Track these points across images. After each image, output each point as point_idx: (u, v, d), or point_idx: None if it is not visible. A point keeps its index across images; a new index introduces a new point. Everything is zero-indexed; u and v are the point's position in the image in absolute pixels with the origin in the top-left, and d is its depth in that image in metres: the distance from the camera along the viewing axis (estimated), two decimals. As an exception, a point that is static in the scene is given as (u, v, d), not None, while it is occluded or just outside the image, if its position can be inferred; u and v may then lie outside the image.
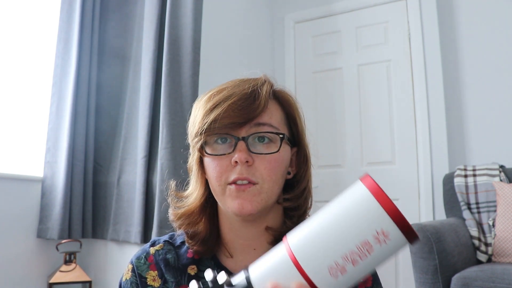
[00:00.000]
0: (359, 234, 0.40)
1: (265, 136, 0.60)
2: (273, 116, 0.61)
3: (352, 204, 0.43)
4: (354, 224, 0.41)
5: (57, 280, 1.68)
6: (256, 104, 0.59)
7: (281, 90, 0.67)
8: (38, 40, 1.92)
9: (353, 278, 0.41)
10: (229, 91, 0.60)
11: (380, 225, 0.40)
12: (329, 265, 0.40)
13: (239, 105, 0.58)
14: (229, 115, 0.58)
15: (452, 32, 2.55)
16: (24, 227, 1.73)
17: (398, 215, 0.40)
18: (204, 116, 0.59)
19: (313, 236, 0.43)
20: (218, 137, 0.60)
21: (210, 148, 0.60)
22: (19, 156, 1.82)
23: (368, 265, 0.41)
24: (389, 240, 0.40)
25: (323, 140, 2.81)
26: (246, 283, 0.43)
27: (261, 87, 0.62)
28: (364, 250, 0.40)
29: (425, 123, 2.51)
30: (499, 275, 1.52)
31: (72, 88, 1.83)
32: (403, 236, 0.40)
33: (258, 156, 0.59)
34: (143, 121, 1.83)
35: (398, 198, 2.56)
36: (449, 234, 1.77)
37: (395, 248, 0.41)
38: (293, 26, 3.05)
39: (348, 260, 0.40)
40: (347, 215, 0.42)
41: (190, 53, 1.80)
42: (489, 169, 2.11)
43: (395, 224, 0.40)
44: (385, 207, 0.40)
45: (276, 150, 0.59)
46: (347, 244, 0.40)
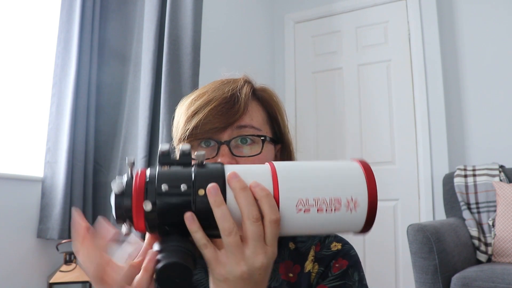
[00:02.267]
0: (337, 189, 0.43)
1: (247, 138, 0.61)
2: (254, 118, 0.62)
3: (344, 167, 0.46)
4: (338, 180, 0.44)
5: (57, 280, 1.68)
6: (236, 108, 0.60)
7: (261, 89, 0.67)
8: (38, 40, 1.92)
9: (308, 224, 0.43)
10: (209, 95, 0.61)
11: (356, 195, 0.44)
12: (300, 197, 0.42)
13: (219, 110, 0.59)
14: (210, 120, 0.59)
15: (452, 32, 2.55)
16: (24, 227, 1.73)
17: (374, 197, 0.44)
18: (186, 122, 0.61)
19: (299, 167, 0.45)
20: (201, 141, 0.61)
21: (194, 151, 0.61)
22: (19, 156, 1.82)
23: (326, 221, 0.43)
24: (354, 212, 0.43)
25: (323, 140, 2.81)
26: (220, 167, 0.44)
27: (240, 90, 0.62)
28: (333, 204, 0.43)
29: (425, 123, 2.51)
30: (499, 275, 1.52)
31: (72, 88, 1.83)
32: (364, 218, 0.44)
33: (241, 159, 0.59)
34: (143, 121, 1.83)
35: (398, 198, 2.56)
36: (449, 234, 1.77)
37: (349, 224, 0.44)
38: (293, 26, 3.05)
39: (316, 204, 0.42)
40: (336, 170, 0.45)
41: (190, 53, 1.80)
42: (489, 169, 2.11)
43: (367, 204, 0.44)
44: (368, 185, 0.44)
45: (259, 152, 0.60)
46: (324, 190, 0.43)
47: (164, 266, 0.40)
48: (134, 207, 0.42)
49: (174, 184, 0.42)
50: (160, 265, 0.40)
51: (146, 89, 1.84)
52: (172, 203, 0.42)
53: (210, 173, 0.43)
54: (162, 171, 0.43)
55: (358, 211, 0.44)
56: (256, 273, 0.42)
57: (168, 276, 0.40)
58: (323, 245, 0.66)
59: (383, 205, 2.60)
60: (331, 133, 2.81)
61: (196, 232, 0.41)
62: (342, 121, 2.79)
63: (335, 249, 0.66)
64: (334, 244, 0.66)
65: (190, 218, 0.41)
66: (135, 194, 0.42)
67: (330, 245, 0.66)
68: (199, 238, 0.41)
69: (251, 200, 0.41)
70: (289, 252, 0.65)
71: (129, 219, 0.43)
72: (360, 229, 0.45)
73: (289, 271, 0.63)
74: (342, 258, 0.65)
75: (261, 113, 0.65)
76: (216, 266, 0.42)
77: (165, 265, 0.40)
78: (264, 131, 0.63)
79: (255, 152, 0.60)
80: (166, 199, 0.42)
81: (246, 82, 0.65)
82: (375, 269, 2.46)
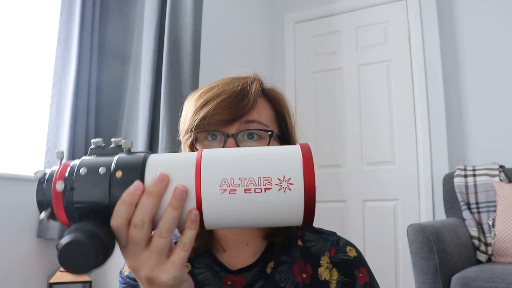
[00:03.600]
0: (267, 168, 0.40)
1: (254, 133, 0.60)
2: (262, 114, 0.62)
3: (279, 149, 0.43)
4: (269, 160, 0.41)
5: (57, 280, 1.68)
6: (245, 101, 0.60)
7: (270, 88, 0.67)
8: (38, 40, 1.92)
9: (237, 209, 0.40)
10: (219, 89, 0.62)
11: (289, 174, 0.40)
12: (224, 177, 0.40)
13: (229, 103, 0.59)
14: (219, 112, 0.59)
15: (452, 32, 2.56)
16: (24, 227, 1.73)
17: (311, 178, 0.40)
18: (195, 113, 0.61)
19: (229, 151, 0.43)
20: (208, 134, 0.60)
21: (201, 145, 0.61)
22: (19, 156, 1.82)
23: (258, 203, 0.40)
24: (289, 192, 0.39)
25: (323, 140, 2.81)
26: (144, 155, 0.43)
27: (250, 85, 0.63)
28: (262, 183, 0.39)
29: (425, 123, 2.51)
30: (499, 275, 1.52)
31: (72, 88, 1.83)
32: (302, 200, 0.39)
33: None
34: (143, 121, 1.83)
35: (398, 198, 2.56)
36: (449, 234, 1.77)
37: (286, 209, 0.40)
38: (293, 26, 3.05)
39: (243, 184, 0.39)
40: (269, 151, 0.42)
41: (190, 53, 1.81)
42: (489, 169, 2.11)
43: (303, 184, 0.39)
44: (304, 165, 0.40)
45: None
46: (251, 170, 0.40)
47: (67, 243, 0.38)
48: (54, 192, 0.42)
49: (93, 168, 0.42)
50: (63, 242, 0.38)
51: (146, 89, 1.84)
52: (88, 184, 0.41)
53: (131, 159, 0.42)
54: (86, 158, 0.44)
55: (293, 191, 0.39)
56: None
57: (72, 255, 0.38)
58: (338, 248, 0.64)
59: (383, 205, 2.60)
60: (331, 133, 2.81)
61: (193, 230, 0.41)
62: (342, 121, 2.79)
63: (352, 254, 0.64)
64: (349, 248, 0.65)
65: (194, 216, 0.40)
66: (55, 179, 0.42)
67: (345, 248, 0.65)
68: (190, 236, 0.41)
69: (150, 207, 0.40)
70: (299, 251, 0.64)
71: (50, 206, 0.43)
72: (301, 217, 0.41)
73: (302, 272, 0.62)
74: (362, 267, 0.64)
75: (269, 111, 0.65)
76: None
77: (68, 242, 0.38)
78: (271, 128, 0.62)
79: None
80: (83, 180, 0.41)
81: (256, 79, 0.66)
82: (375, 269, 2.45)
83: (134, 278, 0.63)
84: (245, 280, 0.61)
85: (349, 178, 2.72)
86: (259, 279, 0.61)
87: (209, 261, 0.64)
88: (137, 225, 0.40)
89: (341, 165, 2.76)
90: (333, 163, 2.78)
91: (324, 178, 2.75)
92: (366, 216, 2.64)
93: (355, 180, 2.70)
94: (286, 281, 0.60)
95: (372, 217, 2.62)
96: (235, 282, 0.61)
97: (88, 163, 0.43)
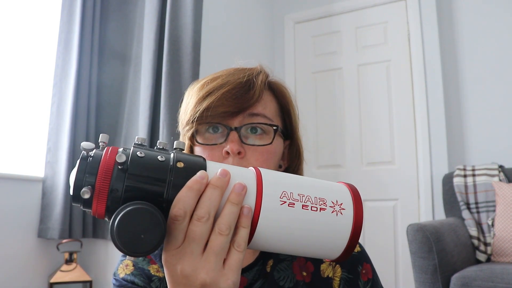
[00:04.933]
0: (322, 190, 0.42)
1: (258, 127, 0.58)
2: (267, 107, 0.60)
3: (326, 181, 0.46)
4: (321, 183, 0.43)
5: (58, 280, 1.68)
6: (250, 93, 0.58)
7: (276, 82, 0.65)
8: (39, 40, 1.92)
9: (292, 222, 0.39)
10: (223, 79, 0.59)
11: (342, 200, 0.42)
12: (284, 189, 0.40)
13: (233, 94, 0.57)
14: (223, 103, 0.56)
15: (452, 32, 2.56)
16: (24, 227, 1.73)
17: (360, 213, 0.42)
18: (197, 103, 0.58)
19: (284, 173, 0.44)
20: (209, 126, 0.58)
21: (201, 137, 0.59)
22: (20, 156, 1.82)
23: (312, 220, 0.40)
24: (341, 216, 0.41)
25: (323, 140, 2.82)
26: (202, 160, 0.41)
27: (256, 77, 0.60)
28: (318, 203, 0.40)
29: (424, 123, 2.52)
30: (498, 274, 1.52)
31: (72, 88, 1.83)
32: (351, 226, 0.41)
33: (250, 148, 0.57)
34: (143, 121, 1.83)
35: (397, 198, 2.56)
36: (449, 234, 1.77)
37: (335, 233, 0.41)
38: (293, 26, 3.06)
39: (301, 200, 0.40)
40: (317, 179, 0.45)
41: (190, 53, 1.81)
42: (488, 169, 2.11)
43: (353, 211, 0.41)
44: (354, 199, 0.43)
45: (269, 142, 0.58)
46: (309, 189, 0.41)
47: (127, 211, 0.32)
48: (104, 165, 0.36)
49: (151, 154, 0.38)
50: (124, 211, 0.32)
51: (146, 89, 1.84)
52: (146, 167, 0.37)
53: (190, 156, 0.40)
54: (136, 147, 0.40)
55: (344, 216, 0.41)
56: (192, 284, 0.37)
57: (132, 228, 0.32)
58: None
59: (383, 205, 2.60)
60: (331, 133, 2.81)
61: (246, 228, 0.39)
62: (342, 121, 2.79)
63: (356, 250, 0.63)
64: None
65: (247, 212, 0.38)
66: (113, 152, 0.37)
67: None
68: (244, 235, 0.39)
69: (216, 200, 0.37)
70: None
71: (92, 185, 0.36)
72: (344, 246, 0.41)
73: (303, 270, 0.61)
74: (366, 263, 0.63)
75: (274, 105, 0.62)
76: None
77: (129, 211, 0.32)
78: (275, 123, 0.60)
79: (264, 142, 0.58)
80: (141, 162, 0.37)
81: (262, 71, 0.63)
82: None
83: (131, 281, 0.59)
84: (246, 280, 0.60)
85: (349, 178, 2.72)
86: (259, 278, 0.60)
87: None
88: (202, 217, 0.37)
89: (341, 165, 2.76)
90: (333, 163, 2.78)
91: (324, 178, 2.72)
92: (366, 216, 2.64)
93: (355, 180, 2.70)
94: (286, 279, 0.59)
95: (371, 217, 2.62)
96: None
97: (143, 150, 0.38)
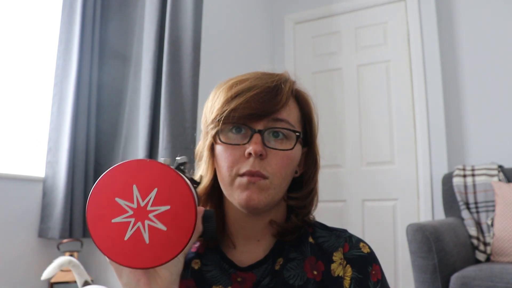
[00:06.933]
0: None
1: (280, 132, 0.60)
2: (291, 114, 0.62)
3: None
4: None
5: (58, 280, 1.69)
6: (277, 99, 0.59)
7: (301, 90, 0.67)
8: (40, 40, 1.93)
9: None
10: (251, 82, 0.60)
11: None
12: None
13: (261, 98, 0.58)
14: (250, 106, 0.57)
15: (451, 32, 2.56)
16: (25, 226, 1.73)
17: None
18: (224, 103, 0.59)
19: None
20: (233, 127, 0.59)
21: (224, 137, 0.60)
22: (21, 156, 1.83)
23: None
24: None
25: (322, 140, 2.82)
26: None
27: (284, 83, 0.62)
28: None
29: (424, 123, 2.52)
30: (497, 274, 1.52)
31: (73, 88, 1.83)
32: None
33: (271, 151, 0.58)
34: (143, 121, 1.83)
35: (397, 198, 2.57)
36: (448, 234, 1.77)
37: None
38: (293, 27, 3.06)
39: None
40: None
41: (190, 53, 1.81)
42: (487, 169, 2.12)
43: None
44: None
45: (291, 148, 0.60)
46: None
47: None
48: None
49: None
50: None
51: (147, 90, 1.85)
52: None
53: None
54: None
55: None
56: None
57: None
58: (352, 245, 0.64)
59: (383, 205, 2.61)
60: (330, 133, 2.82)
61: None
62: (342, 121, 2.80)
63: (365, 251, 0.64)
64: (362, 244, 0.65)
65: None
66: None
67: (358, 244, 0.64)
68: None
69: None
70: (310, 247, 0.63)
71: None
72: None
73: (313, 268, 0.61)
74: (375, 264, 0.63)
75: (297, 112, 0.64)
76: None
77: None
78: (297, 129, 0.62)
79: (285, 147, 0.59)
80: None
81: (288, 78, 0.65)
82: (374, 269, 2.46)
83: None
84: (255, 277, 0.61)
85: (349, 178, 2.73)
86: (268, 275, 0.61)
87: (217, 258, 0.63)
88: None
89: (341, 165, 2.77)
90: (332, 163, 2.78)
91: (324, 178, 2.74)
92: (366, 216, 2.65)
93: (355, 180, 2.71)
94: (296, 277, 0.60)
95: (371, 217, 2.63)
96: (245, 278, 0.61)
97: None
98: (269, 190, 0.58)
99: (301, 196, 0.64)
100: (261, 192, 0.57)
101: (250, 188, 0.57)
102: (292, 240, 0.63)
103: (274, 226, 0.63)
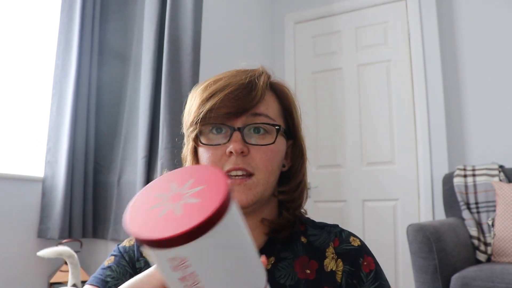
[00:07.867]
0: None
1: (260, 127, 0.59)
2: (269, 107, 0.61)
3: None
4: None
5: (58, 280, 1.68)
6: (252, 94, 0.59)
7: (278, 82, 0.67)
8: (39, 40, 1.92)
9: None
10: (226, 81, 0.60)
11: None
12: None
13: (236, 95, 0.58)
14: (226, 105, 0.57)
15: (452, 32, 2.56)
16: (24, 227, 1.73)
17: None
18: (200, 105, 0.59)
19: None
20: (213, 127, 0.59)
21: (205, 138, 0.60)
22: (20, 156, 1.82)
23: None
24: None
25: (323, 140, 2.82)
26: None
27: (258, 78, 0.61)
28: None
29: (424, 123, 2.52)
30: (498, 274, 1.52)
31: (72, 88, 1.83)
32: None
33: (253, 147, 0.58)
34: (143, 121, 1.83)
35: (397, 198, 2.56)
36: (449, 234, 1.77)
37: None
38: (293, 26, 3.06)
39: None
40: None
41: (190, 53, 1.81)
42: (488, 169, 2.11)
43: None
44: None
45: (272, 142, 0.59)
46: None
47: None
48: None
49: None
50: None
51: (146, 89, 1.84)
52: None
53: None
54: None
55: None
56: None
57: None
58: (341, 239, 0.64)
59: (383, 205, 2.60)
60: (331, 133, 2.81)
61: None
62: (342, 121, 2.79)
63: (356, 244, 0.64)
64: (352, 238, 0.65)
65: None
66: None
67: (348, 238, 0.65)
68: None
69: None
70: (302, 247, 0.63)
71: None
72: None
73: (306, 268, 0.61)
74: (367, 255, 0.64)
75: (276, 105, 0.64)
76: None
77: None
78: (278, 122, 0.61)
79: (267, 142, 0.59)
80: None
81: (263, 71, 0.64)
82: (375, 269, 2.46)
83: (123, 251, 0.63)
84: None
85: (349, 178, 2.72)
86: None
87: None
88: None
89: (341, 165, 2.76)
90: (333, 163, 2.78)
91: (324, 178, 2.76)
92: (366, 216, 2.64)
93: (355, 180, 2.70)
94: (286, 277, 0.60)
95: (371, 217, 2.62)
96: None
97: None
98: (257, 188, 0.58)
99: (290, 189, 0.64)
100: (249, 191, 0.57)
101: (237, 190, 0.57)
102: (285, 236, 0.63)
103: (266, 224, 0.62)
